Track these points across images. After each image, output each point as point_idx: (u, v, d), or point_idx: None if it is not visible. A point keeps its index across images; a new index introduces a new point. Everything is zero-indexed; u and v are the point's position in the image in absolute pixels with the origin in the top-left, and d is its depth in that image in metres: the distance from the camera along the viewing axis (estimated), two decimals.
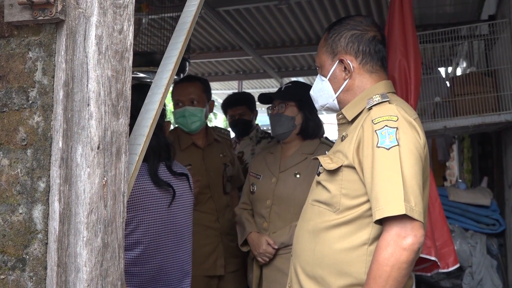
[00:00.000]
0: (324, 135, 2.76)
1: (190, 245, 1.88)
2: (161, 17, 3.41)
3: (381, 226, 1.31)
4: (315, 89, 1.64)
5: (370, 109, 1.42)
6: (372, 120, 1.37)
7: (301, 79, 5.97)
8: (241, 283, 2.66)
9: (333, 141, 2.29)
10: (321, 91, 1.61)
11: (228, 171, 2.68)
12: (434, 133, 3.03)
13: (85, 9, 1.06)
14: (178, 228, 1.81)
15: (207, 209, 2.59)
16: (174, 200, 1.78)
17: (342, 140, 1.50)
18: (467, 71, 3.19)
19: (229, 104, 3.48)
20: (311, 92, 1.67)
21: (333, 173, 1.44)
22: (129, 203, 1.66)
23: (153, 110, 1.28)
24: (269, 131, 3.07)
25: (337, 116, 1.60)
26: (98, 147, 1.04)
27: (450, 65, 3.84)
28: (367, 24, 1.56)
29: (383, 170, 1.30)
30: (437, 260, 2.08)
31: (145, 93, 1.36)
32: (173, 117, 2.71)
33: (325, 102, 1.62)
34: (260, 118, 4.48)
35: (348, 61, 1.53)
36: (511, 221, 2.97)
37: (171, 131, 2.74)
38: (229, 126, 3.57)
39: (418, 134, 1.38)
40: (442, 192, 3.09)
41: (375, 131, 1.35)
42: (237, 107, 3.44)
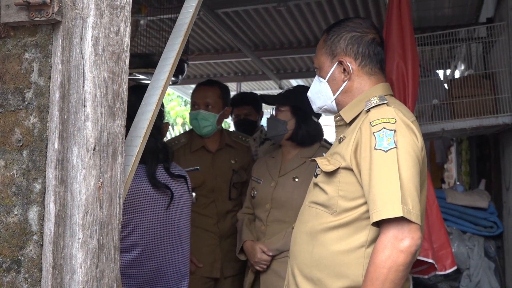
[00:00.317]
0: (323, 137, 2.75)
1: (188, 247, 1.88)
2: (160, 18, 3.41)
3: (379, 229, 1.31)
4: (313, 90, 1.64)
5: (368, 111, 1.42)
6: (370, 122, 1.37)
7: (299, 81, 5.96)
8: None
9: (331, 143, 2.29)
10: (319, 92, 1.60)
11: (235, 177, 2.65)
12: (432, 135, 3.03)
13: (81, 10, 1.06)
14: (176, 230, 1.80)
15: (208, 213, 2.59)
16: (172, 202, 1.77)
17: (340, 142, 1.50)
18: (465, 73, 3.19)
19: (235, 104, 3.41)
20: (308, 94, 1.66)
21: (330, 175, 1.44)
22: (127, 205, 1.65)
23: (150, 112, 1.27)
24: None
25: (334, 118, 1.60)
26: (94, 149, 1.04)
27: (448, 67, 3.83)
28: (367, 26, 1.56)
29: (380, 173, 1.30)
30: (434, 263, 2.08)
31: (143, 94, 1.36)
32: (188, 118, 2.73)
33: (323, 103, 1.61)
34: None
35: (347, 62, 1.53)
36: (508, 223, 2.97)
37: (186, 132, 2.77)
38: (233, 125, 3.54)
39: (416, 136, 1.38)
40: (440, 194, 3.09)
41: (373, 133, 1.35)
42: (243, 106, 3.40)
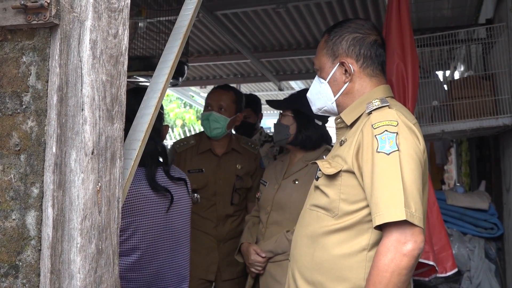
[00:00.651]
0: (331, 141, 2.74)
1: (188, 250, 1.87)
2: (159, 20, 3.40)
3: (381, 232, 1.30)
4: (313, 91, 1.62)
5: (370, 113, 1.41)
6: (372, 125, 1.36)
7: (299, 82, 5.96)
8: None
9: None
10: (320, 93, 1.59)
11: (239, 182, 2.65)
12: (432, 137, 3.03)
13: (79, 13, 1.05)
14: (176, 233, 1.80)
15: (208, 215, 2.60)
16: (172, 205, 1.77)
17: (341, 145, 1.49)
18: (464, 74, 3.18)
19: None
20: (308, 95, 1.64)
21: (332, 178, 1.43)
22: (127, 209, 1.64)
23: (149, 115, 1.26)
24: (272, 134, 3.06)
25: (335, 120, 1.59)
26: (92, 152, 1.03)
27: (448, 68, 3.83)
28: (368, 27, 1.55)
29: (383, 176, 1.29)
30: (435, 265, 2.07)
31: (142, 97, 1.35)
32: (200, 119, 2.78)
33: (323, 105, 1.60)
34: (267, 121, 4.43)
35: (349, 64, 1.52)
36: (509, 225, 2.96)
37: (196, 134, 2.79)
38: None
39: (417, 139, 1.37)
40: (440, 196, 3.08)
41: (375, 136, 1.34)
42: None
